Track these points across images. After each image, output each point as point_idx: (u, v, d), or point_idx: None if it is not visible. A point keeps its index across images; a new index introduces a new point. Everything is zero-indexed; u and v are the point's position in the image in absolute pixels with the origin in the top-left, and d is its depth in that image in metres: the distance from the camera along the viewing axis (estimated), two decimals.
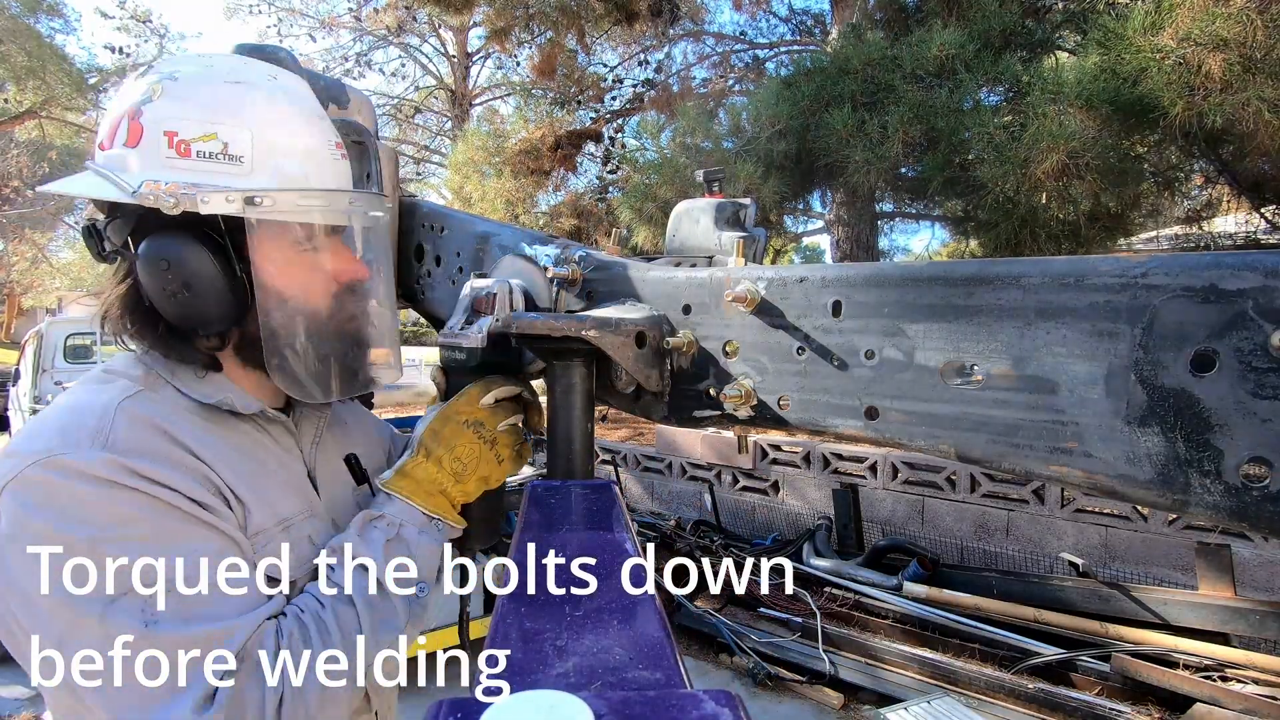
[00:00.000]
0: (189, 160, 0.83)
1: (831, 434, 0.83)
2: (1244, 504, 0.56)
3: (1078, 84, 4.77)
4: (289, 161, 0.88)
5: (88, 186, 0.85)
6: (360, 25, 15.72)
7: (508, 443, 1.00)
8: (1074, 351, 0.64)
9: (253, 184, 0.84)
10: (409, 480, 0.95)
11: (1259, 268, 0.55)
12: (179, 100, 0.85)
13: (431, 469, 0.95)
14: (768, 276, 0.86)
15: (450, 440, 0.96)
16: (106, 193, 0.83)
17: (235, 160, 0.85)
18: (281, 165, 0.87)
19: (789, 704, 4.01)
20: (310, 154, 0.90)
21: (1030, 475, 0.68)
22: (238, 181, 0.84)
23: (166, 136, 0.83)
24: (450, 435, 0.97)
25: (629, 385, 0.97)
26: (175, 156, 0.83)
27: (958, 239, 9.44)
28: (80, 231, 0.91)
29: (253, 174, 0.85)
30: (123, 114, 0.85)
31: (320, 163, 0.91)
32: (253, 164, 0.85)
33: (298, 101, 0.92)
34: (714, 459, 6.53)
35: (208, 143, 0.84)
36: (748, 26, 11.34)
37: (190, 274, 0.84)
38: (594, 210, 9.99)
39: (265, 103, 0.88)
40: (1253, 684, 3.37)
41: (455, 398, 1.00)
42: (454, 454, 0.96)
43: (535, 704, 0.47)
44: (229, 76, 0.87)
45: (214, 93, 0.86)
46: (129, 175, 0.83)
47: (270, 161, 0.86)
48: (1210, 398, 0.57)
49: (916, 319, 0.73)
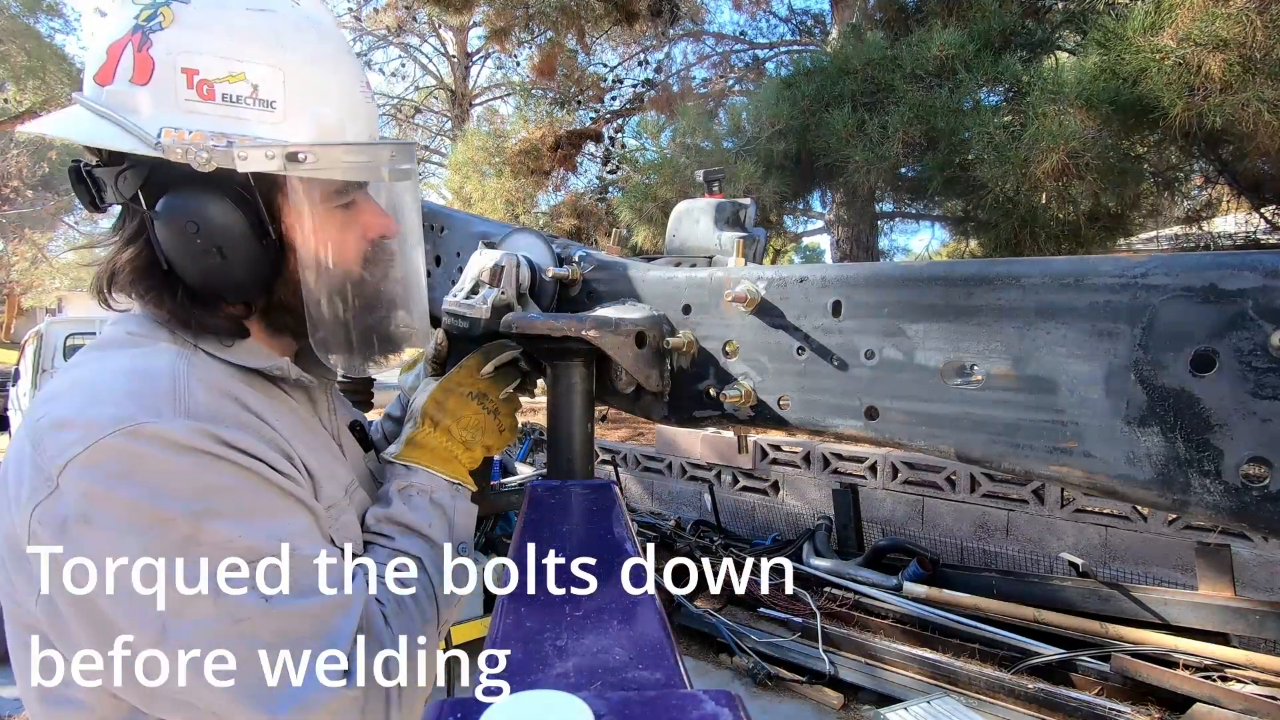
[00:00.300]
0: (213, 104, 0.73)
1: (831, 434, 0.82)
2: (1244, 504, 0.56)
3: (1078, 84, 4.77)
4: (325, 108, 0.78)
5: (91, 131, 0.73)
6: (360, 25, 15.71)
7: (508, 411, 1.01)
8: (1074, 351, 0.64)
9: (288, 134, 0.76)
10: (424, 450, 0.94)
11: (1259, 268, 0.55)
12: (195, 30, 0.73)
13: (441, 438, 0.95)
14: (768, 276, 0.86)
15: (456, 411, 0.96)
16: (119, 141, 0.72)
17: (267, 105, 0.75)
18: (318, 112, 0.78)
19: (789, 704, 4.01)
20: (345, 97, 0.81)
21: (1030, 475, 0.68)
22: (271, 130, 0.75)
23: (185, 74, 0.72)
24: (455, 406, 0.97)
25: (629, 385, 0.97)
26: (197, 99, 0.73)
27: (958, 239, 9.45)
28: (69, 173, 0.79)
29: (286, 121, 0.76)
30: (123, 41, 0.73)
31: (355, 108, 0.83)
32: (286, 109, 0.76)
33: (327, 34, 0.82)
34: (714, 459, 6.53)
35: (235, 84, 0.74)
36: (748, 26, 11.35)
37: (222, 236, 0.76)
38: (594, 210, 10.00)
39: (294, 35, 0.77)
40: (1253, 684, 3.37)
41: (455, 369, 1.00)
42: (461, 424, 0.96)
43: (535, 704, 0.47)
44: (250, 2, 0.76)
45: (236, 22, 0.74)
46: (141, 120, 0.72)
47: (306, 107, 0.77)
48: (1210, 398, 0.57)
49: (916, 319, 0.73)
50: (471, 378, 0.99)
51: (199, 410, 0.72)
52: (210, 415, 0.72)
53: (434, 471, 0.93)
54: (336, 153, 0.77)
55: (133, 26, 0.73)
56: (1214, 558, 3.82)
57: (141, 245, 0.78)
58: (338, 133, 0.79)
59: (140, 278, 0.79)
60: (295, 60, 0.76)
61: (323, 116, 0.78)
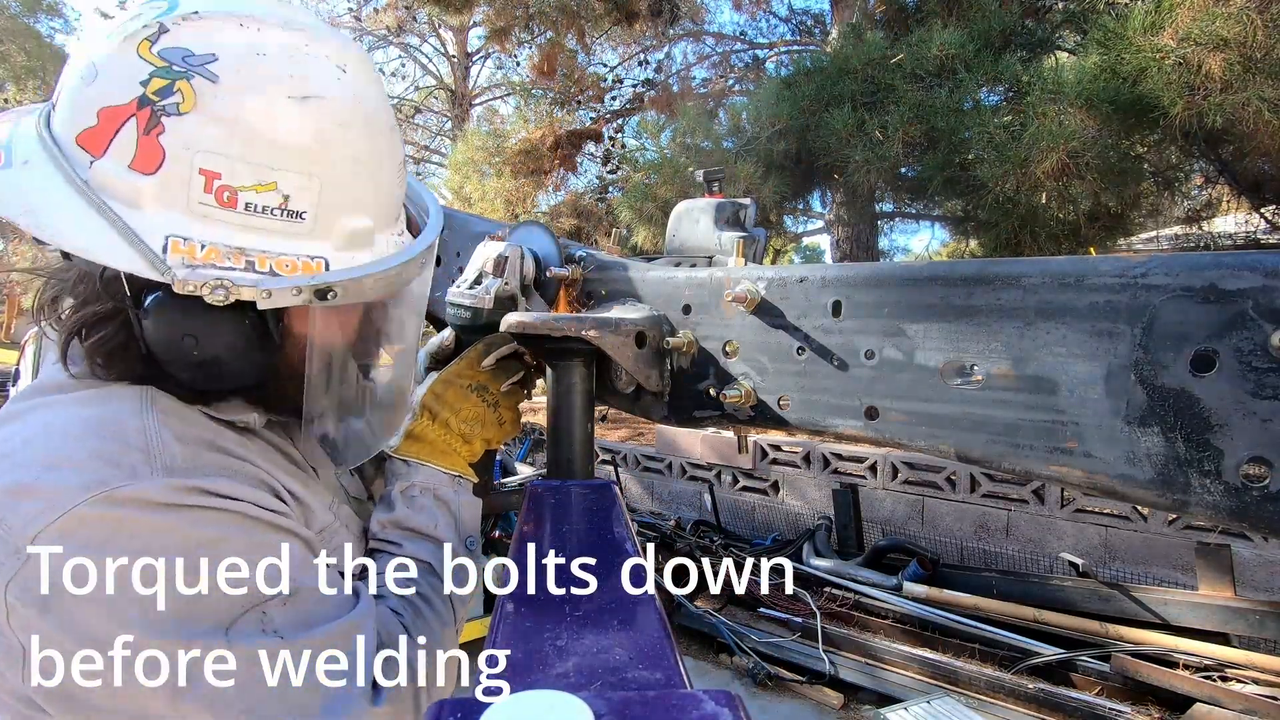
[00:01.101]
0: (233, 213, 0.63)
1: (831, 434, 0.82)
2: (1244, 504, 0.56)
3: (1078, 84, 4.77)
4: (359, 217, 0.70)
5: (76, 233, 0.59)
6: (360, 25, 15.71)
7: (509, 405, 0.99)
8: (1074, 351, 0.64)
9: (312, 248, 0.67)
10: (422, 444, 0.93)
11: (1259, 268, 0.55)
12: (224, 125, 0.61)
13: (440, 431, 0.93)
14: (768, 276, 0.86)
15: (455, 404, 0.94)
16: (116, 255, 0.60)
17: (295, 216, 0.66)
18: (350, 225, 0.69)
19: (789, 704, 4.01)
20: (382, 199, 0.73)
21: (1030, 475, 0.68)
22: (295, 245, 0.66)
23: (205, 177, 0.61)
24: (454, 399, 0.95)
25: (629, 385, 0.97)
26: (214, 205, 0.62)
27: (958, 239, 9.46)
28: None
29: (314, 234, 0.67)
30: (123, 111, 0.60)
31: (389, 207, 0.75)
32: (316, 221, 0.67)
33: (375, 121, 0.71)
34: (714, 459, 6.53)
35: (263, 194, 0.64)
36: (748, 26, 11.35)
37: (223, 349, 0.68)
38: (594, 210, 10.00)
39: (339, 133, 0.67)
40: (1253, 684, 3.37)
41: (455, 360, 0.98)
42: (460, 417, 0.94)
43: (535, 704, 0.47)
44: (294, 87, 0.64)
45: (275, 122, 0.63)
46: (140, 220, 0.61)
47: (338, 218, 0.68)
48: (1210, 398, 0.57)
49: (916, 319, 0.73)
50: (472, 370, 0.97)
51: (177, 465, 0.66)
52: (190, 468, 0.66)
53: (434, 466, 0.91)
54: (366, 282, 0.69)
55: (138, 98, 0.60)
56: (1214, 558, 3.82)
57: (117, 328, 0.69)
58: (367, 241, 0.72)
59: (109, 357, 0.70)
60: (335, 164, 0.67)
61: (355, 227, 0.70)
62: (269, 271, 0.65)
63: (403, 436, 0.93)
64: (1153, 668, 3.53)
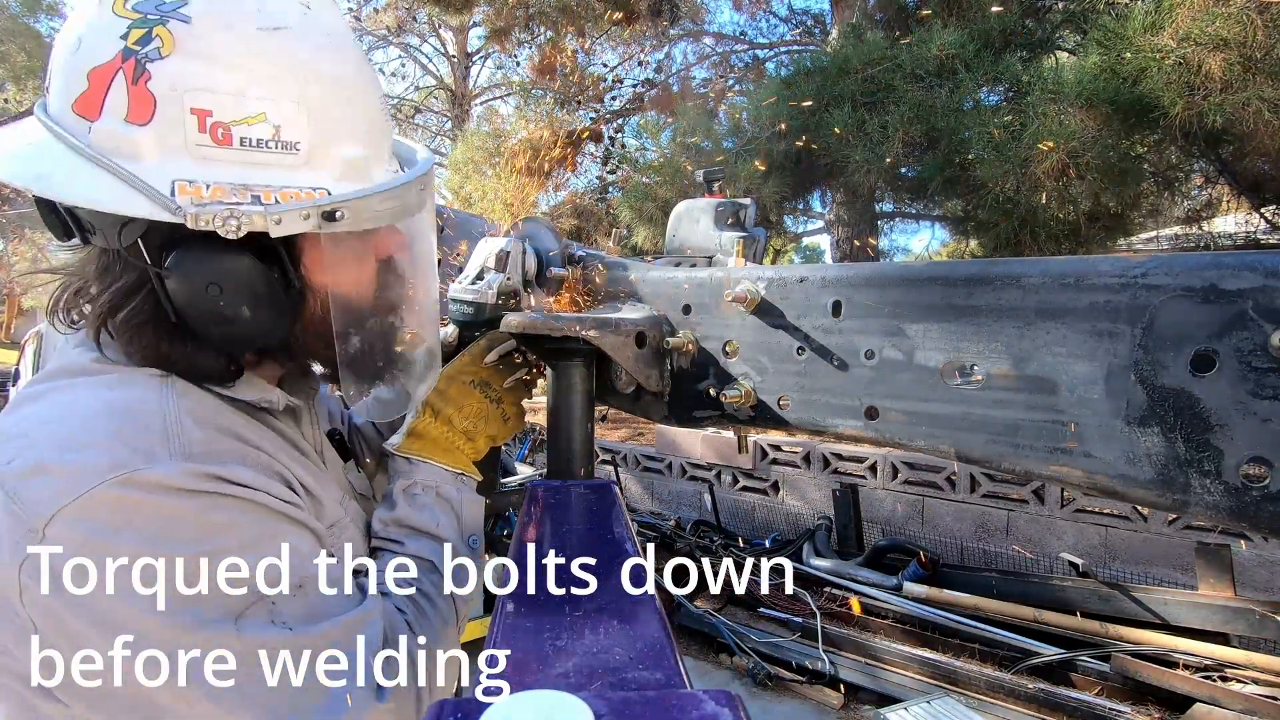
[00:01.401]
0: (230, 150, 0.64)
1: (831, 434, 0.83)
2: (1244, 504, 0.56)
3: (1078, 84, 4.77)
4: (351, 146, 0.71)
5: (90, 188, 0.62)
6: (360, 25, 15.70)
7: (513, 400, 0.99)
8: (1074, 351, 0.64)
9: (314, 179, 0.69)
10: (425, 441, 0.92)
11: (1259, 268, 0.55)
12: (203, 60, 0.63)
13: (443, 428, 0.93)
14: (768, 276, 0.86)
15: (459, 400, 0.95)
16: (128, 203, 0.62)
17: (290, 148, 0.67)
18: (345, 154, 0.71)
19: (789, 704, 4.01)
20: (370, 127, 0.74)
21: (1030, 475, 0.68)
22: (294, 177, 0.67)
23: (197, 116, 0.63)
24: (458, 395, 0.95)
25: (629, 385, 0.97)
26: (211, 144, 0.64)
27: (958, 239, 9.46)
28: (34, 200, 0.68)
29: (310, 164, 0.69)
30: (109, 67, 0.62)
31: (380, 137, 0.76)
32: (310, 152, 0.68)
33: (346, 50, 0.72)
34: (714, 459, 6.53)
35: (255, 126, 0.65)
36: (748, 26, 11.37)
37: (248, 295, 0.69)
38: (594, 210, 10.00)
39: (315, 61, 0.68)
40: (1253, 684, 3.37)
41: (458, 356, 0.98)
42: (463, 413, 0.94)
43: (535, 704, 0.47)
44: (263, 20, 0.66)
45: (250, 48, 0.65)
46: (145, 169, 0.62)
47: (331, 147, 0.70)
48: (1210, 398, 0.57)
49: (916, 319, 0.73)
50: (475, 365, 0.97)
51: (194, 450, 0.67)
52: (207, 454, 0.67)
53: (437, 464, 0.91)
54: (371, 203, 0.70)
55: (121, 50, 0.62)
56: (1214, 558, 3.82)
57: (144, 298, 0.70)
58: (364, 173, 0.73)
59: (141, 334, 0.71)
60: (318, 93, 0.68)
61: (349, 155, 0.71)
62: (275, 203, 0.66)
63: (405, 434, 0.93)
64: (1153, 668, 3.53)
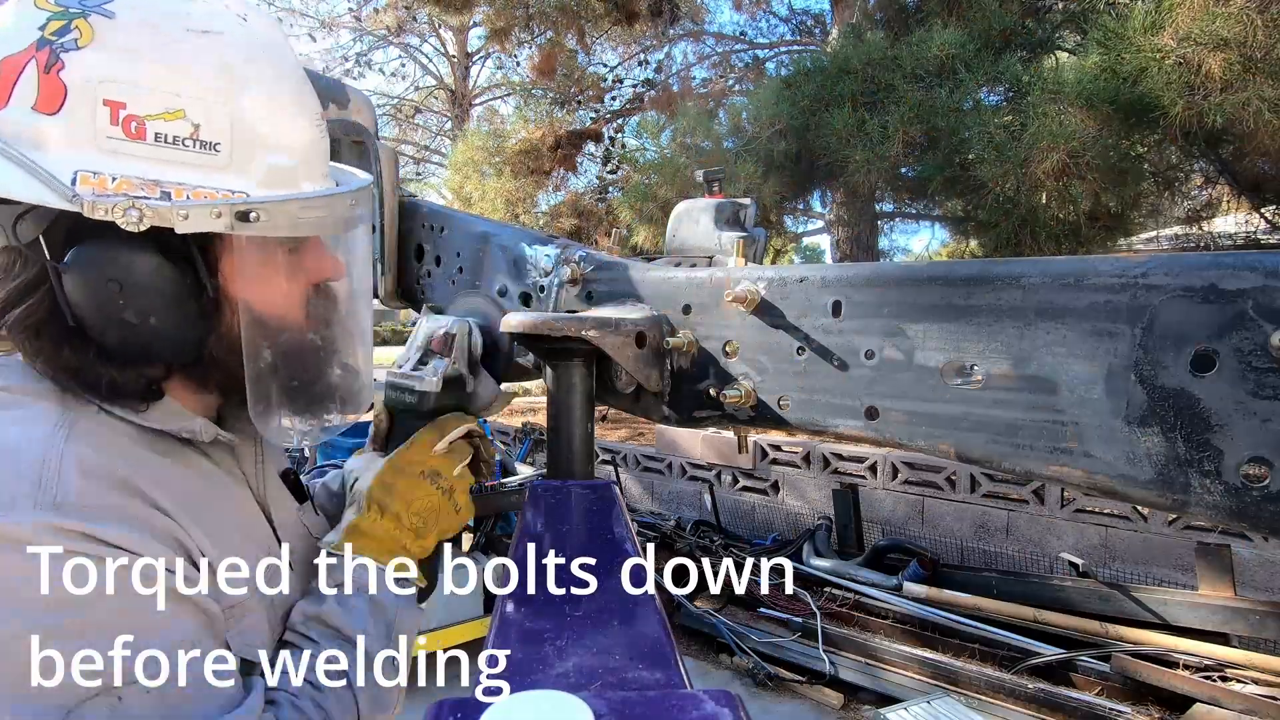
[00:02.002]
0: (143, 144, 0.61)
1: (831, 434, 0.82)
2: (1244, 504, 0.56)
3: (1078, 84, 4.77)
4: (278, 155, 0.68)
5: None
6: (360, 25, 15.71)
7: (463, 489, 0.91)
8: (1074, 351, 0.64)
9: (234, 182, 0.65)
10: (368, 539, 0.83)
11: (1259, 268, 0.55)
12: (122, 53, 0.60)
13: (389, 525, 0.84)
14: (768, 276, 0.86)
15: (406, 494, 0.85)
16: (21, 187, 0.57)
17: (209, 148, 0.64)
18: (271, 161, 0.67)
19: (789, 704, 4.01)
20: (301, 139, 0.71)
21: (1030, 475, 0.68)
22: (212, 178, 0.64)
23: (109, 108, 0.60)
24: (405, 489, 0.86)
25: (629, 385, 0.97)
26: (122, 138, 0.60)
27: (958, 239, 9.45)
28: None
29: (231, 168, 0.65)
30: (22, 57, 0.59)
31: (311, 149, 0.72)
32: (232, 155, 0.65)
33: (283, 63, 0.70)
34: (714, 459, 6.53)
35: (172, 122, 0.62)
36: (748, 26, 11.36)
37: (151, 298, 0.64)
38: (594, 210, 9.99)
39: (246, 67, 0.66)
40: (1253, 684, 3.37)
41: (405, 446, 0.90)
42: (412, 509, 0.85)
43: (535, 704, 0.47)
44: (190, 21, 0.63)
45: (175, 47, 0.62)
46: (47, 158, 0.58)
47: (255, 154, 0.66)
48: (1210, 398, 0.57)
49: (916, 319, 0.73)
50: (424, 454, 0.88)
51: (67, 500, 0.60)
52: (81, 507, 0.60)
53: (377, 564, 0.82)
54: (291, 208, 0.66)
55: (36, 40, 0.59)
56: (1214, 558, 3.82)
57: (41, 297, 0.64)
58: (293, 183, 0.69)
59: (36, 336, 0.66)
60: (246, 99, 0.65)
61: (273, 162, 0.67)
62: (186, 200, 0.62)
63: (345, 530, 0.84)
64: (1153, 668, 3.53)
